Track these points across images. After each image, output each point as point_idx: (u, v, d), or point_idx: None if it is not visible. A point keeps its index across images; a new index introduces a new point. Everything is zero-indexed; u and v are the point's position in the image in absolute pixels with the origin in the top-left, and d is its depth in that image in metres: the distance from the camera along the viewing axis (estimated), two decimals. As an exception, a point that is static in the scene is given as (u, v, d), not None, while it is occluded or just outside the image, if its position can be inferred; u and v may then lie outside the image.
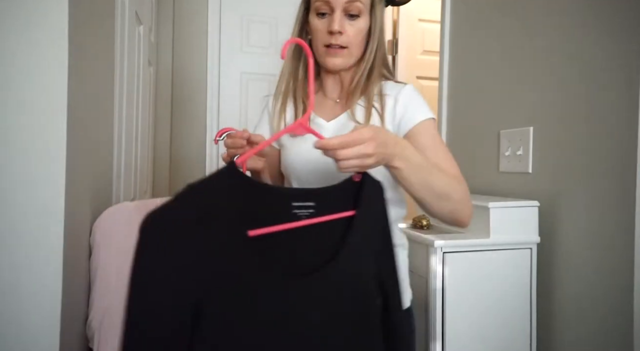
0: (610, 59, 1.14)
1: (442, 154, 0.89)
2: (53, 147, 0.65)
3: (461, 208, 0.84)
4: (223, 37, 2.35)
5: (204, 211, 0.52)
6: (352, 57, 0.94)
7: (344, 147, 0.62)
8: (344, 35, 0.91)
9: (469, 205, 0.86)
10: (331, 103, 1.00)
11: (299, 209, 0.62)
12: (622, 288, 1.09)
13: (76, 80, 0.70)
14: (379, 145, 0.66)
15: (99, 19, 0.90)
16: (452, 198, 0.81)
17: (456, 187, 0.82)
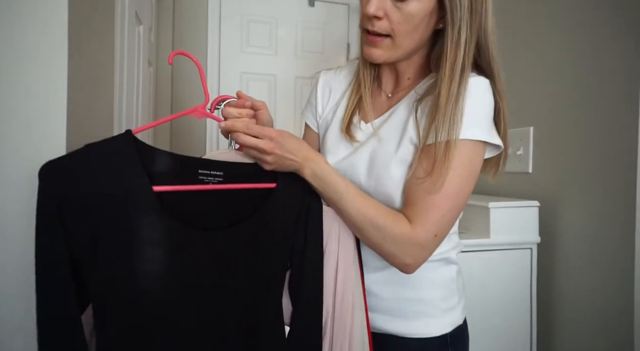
0: (610, 59, 1.14)
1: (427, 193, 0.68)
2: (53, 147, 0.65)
3: (382, 251, 0.69)
4: (223, 37, 2.35)
5: (105, 163, 0.57)
6: (399, 49, 0.72)
7: (245, 133, 0.65)
8: (384, 20, 0.69)
9: (393, 250, 0.67)
10: (383, 98, 0.82)
11: (205, 176, 0.65)
12: (622, 288, 1.09)
13: (76, 80, 0.70)
14: (280, 148, 0.65)
15: (99, 19, 0.90)
16: (363, 235, 0.68)
17: (376, 225, 0.67)
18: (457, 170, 0.68)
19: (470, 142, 0.68)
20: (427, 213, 0.67)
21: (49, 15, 0.64)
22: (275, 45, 2.40)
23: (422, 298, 0.74)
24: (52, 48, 0.64)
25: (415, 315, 0.74)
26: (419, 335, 0.73)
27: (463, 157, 0.68)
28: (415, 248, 0.67)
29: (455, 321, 0.77)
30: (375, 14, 0.68)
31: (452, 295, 0.78)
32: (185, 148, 2.35)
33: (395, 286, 0.73)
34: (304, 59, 2.40)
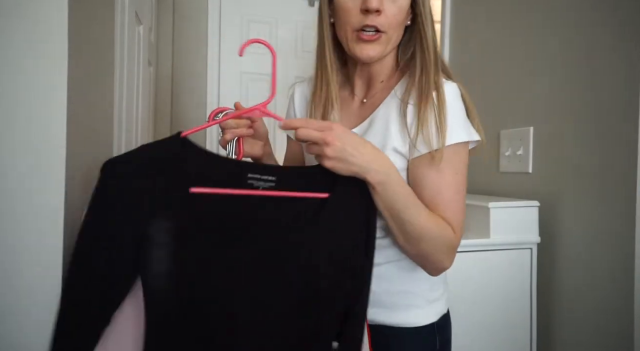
0: (610, 59, 1.14)
1: (448, 193, 0.73)
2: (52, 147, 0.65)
3: (429, 258, 0.72)
4: (223, 37, 2.35)
5: (152, 165, 0.59)
6: (390, 44, 0.75)
7: (305, 127, 0.63)
8: (382, 15, 0.71)
9: (441, 257, 0.72)
10: (357, 104, 0.84)
11: (256, 180, 0.63)
12: (622, 288, 1.09)
13: (76, 80, 0.70)
14: (341, 140, 0.62)
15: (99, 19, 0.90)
16: (420, 246, 0.70)
17: (433, 235, 0.69)
18: (461, 172, 0.76)
19: (461, 144, 0.75)
20: (458, 218, 0.73)
21: (49, 16, 0.64)
22: (275, 45, 2.40)
23: (410, 291, 0.79)
24: (52, 48, 0.64)
25: (405, 307, 0.78)
26: (409, 324, 0.78)
27: (459, 158, 0.76)
28: (454, 254, 0.73)
29: (440, 311, 0.82)
30: (379, 7, 0.69)
31: (437, 287, 0.82)
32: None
33: (386, 281, 0.76)
34: (304, 59, 2.40)
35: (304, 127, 0.63)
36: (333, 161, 0.63)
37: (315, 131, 0.63)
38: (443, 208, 0.72)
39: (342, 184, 0.64)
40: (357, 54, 0.75)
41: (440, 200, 0.72)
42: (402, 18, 0.74)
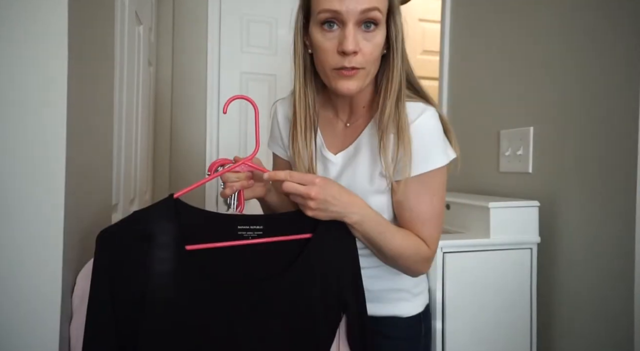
0: (610, 59, 1.14)
1: (426, 210, 0.81)
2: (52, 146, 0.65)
3: (406, 270, 0.83)
4: (223, 37, 2.35)
5: (147, 230, 0.63)
6: (369, 77, 0.78)
7: (289, 181, 0.69)
8: (359, 54, 0.74)
9: (416, 267, 0.83)
10: (341, 127, 0.89)
11: (245, 231, 0.69)
12: (622, 288, 1.09)
13: (76, 80, 0.70)
14: (323, 193, 0.69)
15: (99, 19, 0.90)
16: (397, 262, 0.81)
17: (410, 252, 0.79)
18: (439, 193, 0.83)
19: (440, 169, 0.81)
20: (433, 234, 0.82)
21: (49, 16, 0.64)
22: (275, 45, 2.40)
23: (399, 288, 0.90)
24: (52, 48, 0.64)
25: (395, 301, 0.90)
26: (401, 315, 0.91)
27: (437, 181, 0.82)
28: (430, 262, 0.84)
29: (424, 302, 0.96)
30: (355, 49, 0.72)
31: (420, 283, 0.95)
32: (185, 155, 2.35)
33: (379, 280, 0.87)
34: (304, 59, 2.39)
35: (288, 180, 0.70)
36: (315, 212, 0.71)
37: (299, 185, 0.69)
38: (420, 228, 0.81)
39: (324, 223, 0.72)
40: (338, 89, 0.78)
41: (417, 222, 0.82)
42: (378, 53, 0.77)
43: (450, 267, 1.23)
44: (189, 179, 2.33)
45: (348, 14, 0.72)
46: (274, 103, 0.99)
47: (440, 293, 1.23)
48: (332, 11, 0.73)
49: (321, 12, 0.74)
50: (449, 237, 1.27)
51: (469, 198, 1.42)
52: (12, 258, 0.64)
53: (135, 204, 1.45)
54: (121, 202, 1.16)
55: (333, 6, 0.72)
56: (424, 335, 0.94)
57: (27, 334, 0.64)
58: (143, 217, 0.65)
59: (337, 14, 0.72)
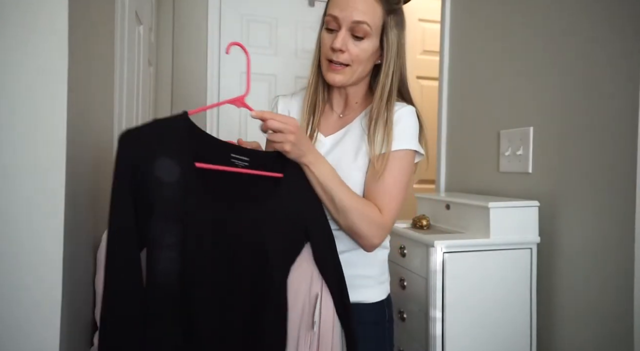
0: (610, 59, 1.15)
1: (387, 187, 0.92)
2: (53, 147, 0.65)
3: (358, 229, 0.90)
4: (223, 37, 2.35)
5: (163, 137, 0.72)
6: (354, 74, 0.96)
7: (274, 119, 0.80)
8: (346, 53, 0.94)
9: (367, 231, 0.90)
10: (335, 117, 1.04)
11: (236, 160, 0.81)
12: (622, 288, 1.09)
13: (76, 80, 0.70)
14: (300, 133, 0.82)
15: (99, 19, 0.90)
16: (348, 217, 0.88)
17: (359, 209, 0.88)
18: (402, 170, 0.94)
19: (409, 151, 0.95)
20: (389, 204, 0.92)
21: (49, 15, 0.64)
22: (275, 45, 2.40)
23: (366, 275, 0.99)
24: (52, 48, 0.64)
25: (363, 287, 0.98)
26: (366, 301, 0.99)
27: (404, 161, 0.95)
28: (381, 231, 0.92)
29: (386, 291, 1.04)
30: (341, 48, 0.93)
31: (384, 272, 1.04)
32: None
33: (349, 267, 0.92)
34: (304, 59, 2.40)
35: (272, 118, 0.80)
36: (292, 147, 0.81)
37: (280, 123, 0.80)
38: (380, 196, 0.92)
39: (291, 167, 0.85)
40: (327, 78, 0.98)
41: (379, 191, 0.92)
42: (365, 56, 0.95)
43: (450, 267, 1.23)
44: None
45: (343, 20, 0.92)
46: (275, 97, 1.12)
47: (440, 293, 1.23)
48: (333, 16, 0.94)
49: (327, 16, 0.95)
50: (449, 237, 1.27)
51: (469, 198, 1.42)
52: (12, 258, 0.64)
53: (135, 204, 1.44)
54: (121, 201, 1.16)
55: (335, 12, 0.94)
56: (388, 319, 1.03)
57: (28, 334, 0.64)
58: (163, 127, 0.73)
59: (336, 19, 0.93)
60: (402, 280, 1.39)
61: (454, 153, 1.85)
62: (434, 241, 1.22)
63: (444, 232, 1.37)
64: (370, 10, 0.93)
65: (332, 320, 0.85)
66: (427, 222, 1.45)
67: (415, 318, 1.33)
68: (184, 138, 0.74)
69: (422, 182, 2.44)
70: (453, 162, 1.85)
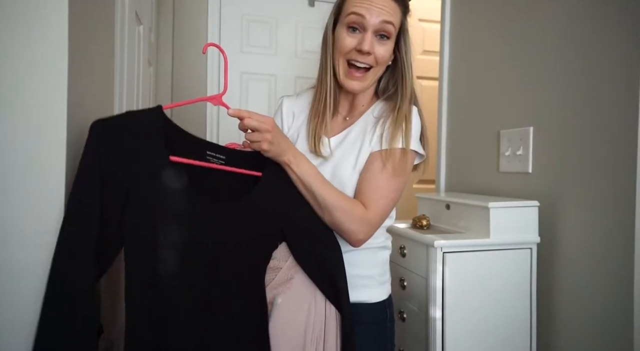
0: (610, 59, 1.15)
1: (379, 184, 0.90)
2: (53, 147, 0.65)
3: (341, 225, 0.87)
4: (223, 37, 2.35)
5: (136, 128, 0.71)
6: (373, 79, 0.96)
7: (250, 118, 0.79)
8: (372, 56, 0.92)
9: (352, 227, 0.88)
10: (340, 120, 1.03)
11: (212, 157, 0.80)
12: (622, 288, 1.09)
13: (76, 80, 0.70)
14: (276, 131, 0.81)
15: (99, 19, 0.90)
16: (332, 214, 0.86)
17: (342, 206, 0.86)
18: (398, 170, 0.91)
19: (408, 151, 0.92)
20: (377, 201, 0.90)
21: (49, 15, 0.64)
22: (275, 45, 2.40)
23: (367, 275, 0.99)
24: (52, 48, 0.64)
25: (364, 287, 0.98)
26: (367, 301, 0.98)
27: (402, 161, 0.92)
28: (366, 226, 0.89)
29: (388, 291, 1.03)
30: (369, 50, 0.90)
31: (385, 272, 1.03)
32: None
33: (350, 267, 0.92)
34: (304, 59, 2.40)
35: (249, 117, 0.79)
36: (270, 145, 0.80)
37: (257, 121, 0.79)
38: (369, 194, 0.90)
39: (272, 165, 0.84)
40: (346, 85, 0.95)
41: (368, 185, 0.91)
42: (387, 58, 0.94)
43: (450, 267, 1.23)
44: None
45: (370, 21, 0.89)
46: (281, 98, 1.11)
47: (440, 293, 1.23)
48: (359, 14, 0.90)
49: (350, 14, 0.91)
50: (449, 237, 1.27)
51: (469, 198, 1.42)
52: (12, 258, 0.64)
53: (135, 204, 1.44)
54: (121, 202, 1.16)
55: (361, 11, 0.89)
56: (389, 319, 1.02)
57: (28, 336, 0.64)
58: (136, 118, 0.72)
59: (362, 18, 0.89)
60: (402, 280, 1.39)
61: (454, 153, 1.85)
62: (434, 241, 1.22)
63: (444, 232, 1.37)
64: (393, 10, 0.92)
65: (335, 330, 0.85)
66: (427, 222, 1.45)
67: (415, 318, 1.33)
68: (158, 131, 0.72)
69: (422, 182, 2.43)
70: (453, 162, 1.85)
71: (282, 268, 0.84)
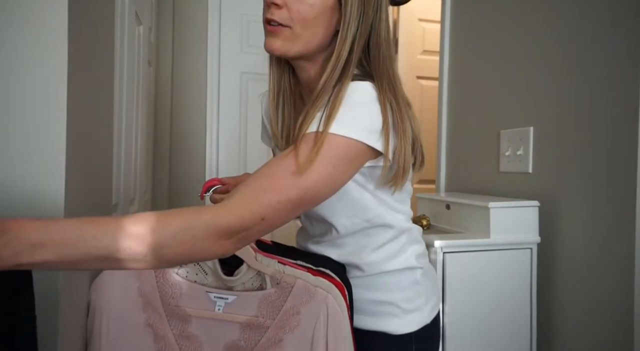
0: (610, 59, 1.14)
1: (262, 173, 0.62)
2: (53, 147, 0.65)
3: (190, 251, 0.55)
4: (223, 37, 2.35)
5: None
6: (299, 41, 0.70)
7: None
8: (284, 9, 0.68)
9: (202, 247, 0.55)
10: None
11: None
12: (622, 288, 1.09)
13: (76, 80, 0.70)
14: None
15: (99, 19, 0.90)
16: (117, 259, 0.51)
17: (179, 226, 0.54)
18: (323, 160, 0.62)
19: (340, 138, 0.63)
20: (243, 194, 0.59)
21: (49, 15, 0.64)
22: (275, 45, 2.40)
23: (385, 300, 0.80)
24: (52, 48, 0.64)
25: (380, 315, 0.80)
26: (387, 331, 0.79)
27: (331, 151, 0.63)
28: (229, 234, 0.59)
29: (420, 321, 0.81)
30: (275, 1, 0.68)
31: (417, 297, 0.81)
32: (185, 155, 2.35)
33: (362, 289, 0.79)
34: (304, 59, 2.39)
35: None
36: None
37: None
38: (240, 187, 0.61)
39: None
40: (265, 45, 0.73)
41: (255, 173, 0.63)
42: (312, 15, 0.68)
43: (450, 267, 1.23)
44: (189, 179, 2.33)
45: None
46: (261, 95, 0.94)
47: (440, 293, 1.23)
48: None
49: None
50: (449, 237, 1.27)
51: (469, 198, 1.42)
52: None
53: (135, 204, 1.45)
54: (121, 202, 1.16)
55: None
56: None
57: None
58: None
59: None
60: (402, 280, 1.39)
61: (454, 153, 1.85)
62: (434, 241, 1.22)
63: (444, 232, 1.37)
64: None
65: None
66: (427, 222, 1.45)
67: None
68: None
69: (422, 182, 2.43)
70: (453, 162, 1.85)
71: (270, 328, 0.70)
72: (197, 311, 0.72)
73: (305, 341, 0.69)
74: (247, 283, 0.74)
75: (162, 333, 0.72)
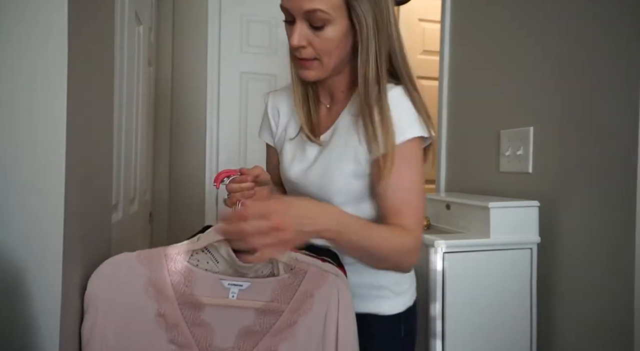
0: (610, 59, 1.14)
1: (405, 196, 0.78)
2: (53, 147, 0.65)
3: (395, 268, 0.81)
4: (223, 37, 2.35)
5: None
6: (328, 67, 0.82)
7: (243, 220, 0.59)
8: (309, 47, 0.79)
9: (405, 263, 0.80)
10: (324, 109, 0.93)
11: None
12: (622, 288, 1.09)
13: (76, 81, 0.70)
14: (292, 217, 0.62)
15: (99, 19, 0.90)
16: (389, 260, 0.77)
17: (395, 247, 0.75)
18: (412, 168, 0.80)
19: (409, 142, 0.79)
20: (414, 216, 0.79)
21: (49, 15, 0.64)
22: (275, 45, 2.40)
23: (380, 284, 0.88)
24: (51, 48, 0.64)
25: (375, 298, 0.88)
26: (379, 313, 0.88)
27: (409, 156, 0.79)
28: (418, 252, 0.79)
29: (406, 303, 0.91)
30: (299, 44, 0.78)
31: (403, 281, 0.91)
32: (185, 154, 2.35)
33: (357, 274, 0.84)
34: (304, 59, 2.39)
35: (241, 219, 0.59)
36: (291, 243, 0.64)
37: (258, 221, 0.59)
38: (398, 210, 0.78)
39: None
40: (300, 76, 0.86)
41: (394, 201, 0.79)
42: (333, 45, 0.79)
43: (450, 267, 1.23)
44: (189, 179, 2.33)
45: (294, 11, 0.77)
46: (267, 94, 1.02)
47: (440, 293, 1.23)
48: (283, 8, 0.80)
49: (281, 10, 0.81)
50: (449, 237, 1.27)
51: (469, 198, 1.42)
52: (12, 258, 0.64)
53: (135, 204, 1.45)
54: (121, 201, 1.16)
55: (284, 4, 0.79)
56: (404, 336, 0.90)
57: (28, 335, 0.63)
58: None
59: (287, 11, 0.79)
60: (402, 280, 1.39)
61: (454, 153, 1.85)
62: (434, 241, 1.22)
63: (444, 232, 1.37)
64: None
65: None
66: (427, 222, 1.45)
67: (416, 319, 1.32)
68: None
69: (422, 182, 2.43)
70: (453, 162, 1.85)
71: (284, 312, 0.72)
72: (210, 299, 0.72)
73: (318, 323, 0.72)
74: (259, 270, 0.74)
75: (175, 322, 0.71)
